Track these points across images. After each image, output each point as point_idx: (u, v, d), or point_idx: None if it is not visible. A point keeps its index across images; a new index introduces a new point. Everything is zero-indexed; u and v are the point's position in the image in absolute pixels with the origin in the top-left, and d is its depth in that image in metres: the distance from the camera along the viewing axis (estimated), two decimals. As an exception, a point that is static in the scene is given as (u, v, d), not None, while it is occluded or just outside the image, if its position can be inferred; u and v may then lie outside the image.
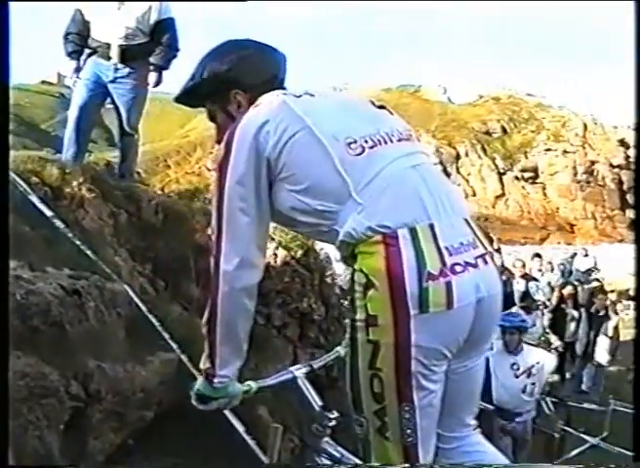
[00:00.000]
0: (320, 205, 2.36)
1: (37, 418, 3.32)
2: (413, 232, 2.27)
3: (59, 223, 4.73)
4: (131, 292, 4.50)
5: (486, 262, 2.39)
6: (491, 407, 7.24)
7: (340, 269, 13.99)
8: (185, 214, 6.21)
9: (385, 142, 2.45)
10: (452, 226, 2.37)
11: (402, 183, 2.37)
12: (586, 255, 20.97)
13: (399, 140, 2.49)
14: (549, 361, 8.41)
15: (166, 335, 4.42)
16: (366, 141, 2.41)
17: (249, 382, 2.71)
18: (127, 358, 4.01)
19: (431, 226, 2.30)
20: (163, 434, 4.09)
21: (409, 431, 2.32)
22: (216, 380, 2.56)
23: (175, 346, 4.37)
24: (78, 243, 4.67)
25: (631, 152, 42.64)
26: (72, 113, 6.46)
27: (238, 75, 2.66)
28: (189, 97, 2.79)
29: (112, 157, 10.29)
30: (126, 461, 3.91)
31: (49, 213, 4.73)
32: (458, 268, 2.28)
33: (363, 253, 2.30)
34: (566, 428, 10.02)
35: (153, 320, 4.44)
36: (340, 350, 3.04)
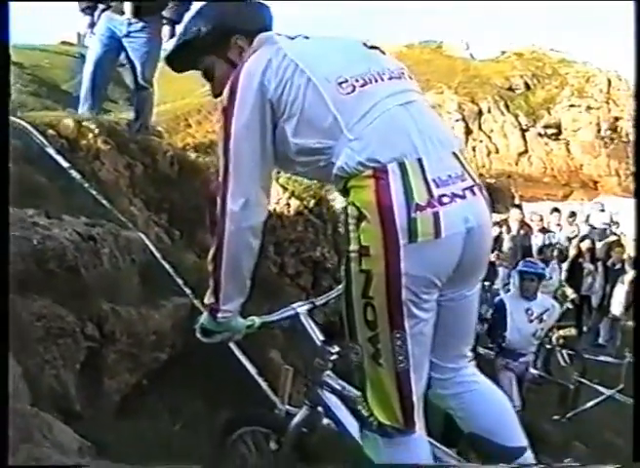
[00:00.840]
0: (317, 143, 2.45)
1: (54, 358, 3.46)
2: (402, 166, 2.34)
3: (75, 174, 4.83)
4: (146, 240, 4.62)
5: (474, 194, 2.46)
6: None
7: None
8: (200, 166, 6.30)
9: (376, 81, 2.51)
10: (440, 160, 2.43)
11: (391, 120, 2.43)
12: (602, 210, 20.81)
13: (390, 78, 2.55)
14: (557, 309, 8.70)
15: (179, 281, 4.54)
16: (357, 80, 2.48)
17: (252, 317, 2.81)
18: (141, 302, 4.13)
19: (419, 160, 2.37)
20: (177, 375, 4.22)
21: (401, 357, 2.41)
22: (219, 315, 2.67)
23: (188, 291, 4.49)
24: (94, 192, 4.78)
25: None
26: (87, 68, 6.52)
27: (238, 22, 2.73)
28: (186, 52, 2.81)
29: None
30: (141, 401, 4.05)
31: (65, 164, 4.84)
32: (445, 199, 2.35)
33: (355, 186, 2.38)
34: (581, 380, 10.08)
35: (167, 266, 4.55)
36: (342, 287, 3.13)
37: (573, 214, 16.04)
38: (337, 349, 2.84)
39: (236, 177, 2.50)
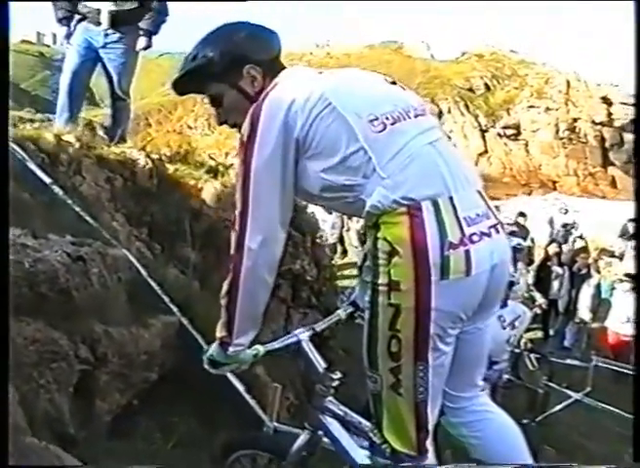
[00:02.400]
0: (347, 180, 2.47)
1: (48, 382, 3.44)
2: (435, 204, 2.40)
3: (57, 190, 4.79)
4: (131, 257, 4.60)
5: (498, 231, 2.54)
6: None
7: (328, 231, 14.12)
8: (179, 178, 6.28)
9: (404, 119, 2.55)
10: (468, 198, 2.50)
11: (423, 158, 2.48)
12: (566, 213, 21.11)
13: (416, 116, 2.59)
14: (528, 315, 8.84)
15: (166, 299, 4.53)
16: (387, 118, 2.51)
17: (257, 346, 2.83)
18: (130, 321, 4.13)
19: (451, 199, 2.43)
20: (167, 394, 4.23)
21: (421, 389, 2.47)
22: (231, 349, 2.70)
23: (175, 309, 4.49)
24: (77, 209, 4.75)
25: (614, 109, 42.71)
26: (64, 79, 6.49)
27: (250, 50, 2.72)
28: (195, 78, 2.78)
29: (93, 116, 10.29)
30: (131, 421, 4.05)
31: (47, 179, 4.80)
32: (475, 238, 2.43)
33: (387, 222, 2.42)
34: (549, 384, 10.23)
35: (153, 284, 4.55)
36: (341, 313, 3.18)
37: (522, 215, 16.26)
38: (338, 375, 2.88)
39: (255, 215, 2.52)
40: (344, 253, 17.25)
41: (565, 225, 19.84)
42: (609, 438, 10.37)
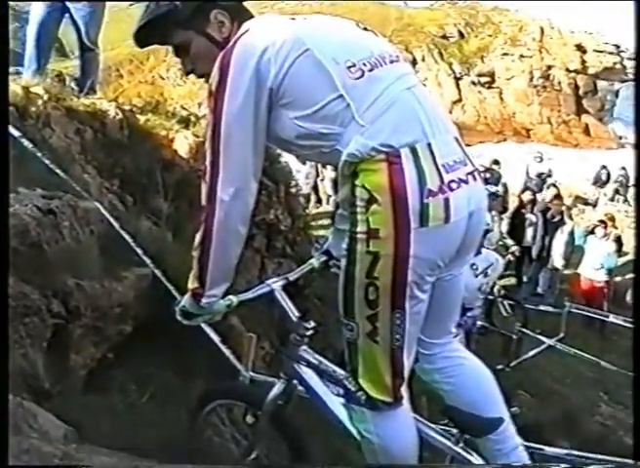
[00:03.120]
0: (324, 128, 2.44)
1: (21, 337, 3.42)
2: (414, 151, 2.39)
3: (26, 143, 4.72)
4: (103, 210, 4.56)
5: (475, 179, 2.54)
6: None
7: (302, 181, 14.07)
8: (150, 129, 6.20)
9: (381, 65, 2.51)
10: (446, 145, 2.50)
11: (401, 104, 2.46)
12: (541, 161, 21.19)
13: (391, 62, 2.56)
14: (500, 263, 8.92)
15: (139, 251, 4.50)
16: (364, 65, 2.47)
17: (230, 297, 2.82)
18: (103, 274, 4.09)
19: (429, 145, 2.42)
20: (142, 347, 4.22)
21: (398, 336, 2.48)
22: (204, 300, 2.69)
23: (148, 261, 4.47)
24: (47, 162, 4.68)
25: (588, 57, 42.62)
26: (31, 30, 6.35)
27: None
28: (158, 27, 2.68)
29: (63, 68, 10.11)
30: (106, 374, 4.04)
31: (16, 133, 4.71)
32: (453, 185, 2.43)
33: (365, 170, 2.40)
34: (523, 330, 10.35)
35: (126, 236, 4.51)
36: (314, 262, 3.17)
37: (496, 163, 16.33)
38: (312, 324, 2.89)
39: (226, 165, 2.48)
40: (319, 202, 17.24)
41: (540, 174, 19.96)
42: (582, 383, 10.56)
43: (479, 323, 9.76)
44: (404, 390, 2.62)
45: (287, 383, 2.97)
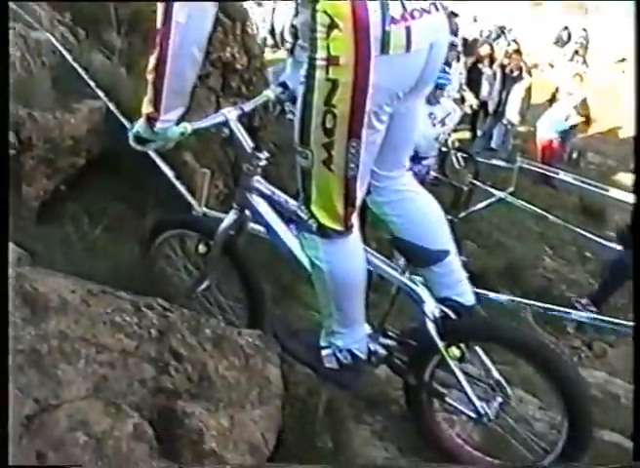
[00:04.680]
0: None
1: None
2: None
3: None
4: (55, 41, 4.43)
5: (437, 9, 2.48)
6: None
7: (259, 24, 13.68)
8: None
9: None
10: None
11: None
12: (501, 18, 20.89)
13: None
14: (458, 112, 8.95)
15: (92, 83, 4.41)
16: None
17: (184, 124, 2.78)
18: (55, 106, 4.01)
19: None
20: (94, 180, 4.21)
21: (352, 165, 2.48)
22: (158, 125, 2.65)
23: (101, 94, 4.39)
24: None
25: None
26: None
27: None
28: None
29: None
30: (59, 206, 4.04)
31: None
32: (416, 14, 2.36)
33: None
34: (474, 182, 10.47)
35: (78, 68, 4.41)
36: (269, 93, 3.12)
37: (454, 14, 16.04)
38: (266, 155, 2.89)
39: None
40: (275, 46, 16.80)
41: (501, 27, 19.72)
42: (528, 237, 10.84)
43: (432, 173, 9.90)
44: (355, 219, 2.66)
45: (239, 214, 2.99)
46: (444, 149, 10.44)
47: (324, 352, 2.89)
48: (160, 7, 2.46)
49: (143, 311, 2.52)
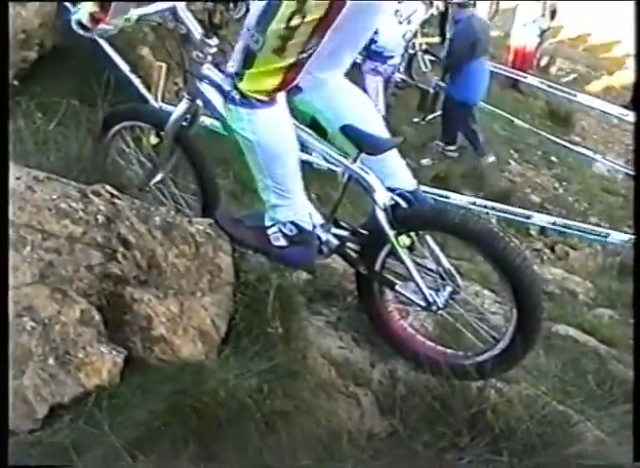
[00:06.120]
0: None
1: None
2: None
3: None
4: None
5: None
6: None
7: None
8: None
9: None
10: None
11: None
12: None
13: None
14: (423, 10, 8.84)
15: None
16: None
17: (130, 10, 2.70)
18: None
19: None
20: (46, 74, 4.13)
21: (304, 55, 2.46)
22: (101, 25, 2.58)
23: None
24: None
25: None
26: None
27: None
28: None
29: None
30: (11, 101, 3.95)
31: None
32: None
33: None
34: (441, 84, 10.32)
35: None
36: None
37: None
38: (216, 42, 2.83)
39: None
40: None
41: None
42: (494, 140, 10.86)
43: (399, 76, 9.81)
44: (280, 96, 2.62)
45: (190, 103, 2.95)
46: (411, 51, 10.32)
47: (270, 231, 2.85)
48: None
49: (90, 197, 2.50)
